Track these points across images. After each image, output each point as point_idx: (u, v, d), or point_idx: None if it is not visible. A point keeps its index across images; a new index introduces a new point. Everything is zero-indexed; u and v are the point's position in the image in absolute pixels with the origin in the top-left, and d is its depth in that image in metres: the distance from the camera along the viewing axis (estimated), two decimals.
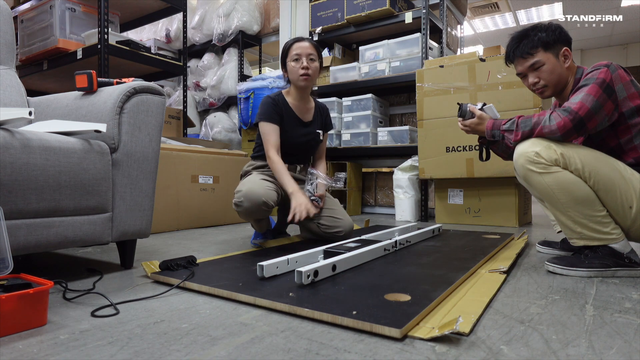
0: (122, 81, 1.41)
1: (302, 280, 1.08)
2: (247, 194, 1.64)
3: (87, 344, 0.77)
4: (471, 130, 1.49)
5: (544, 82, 1.39)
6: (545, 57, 1.37)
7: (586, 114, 1.23)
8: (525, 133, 1.32)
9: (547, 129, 1.27)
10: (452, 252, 1.56)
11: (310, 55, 1.83)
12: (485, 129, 1.43)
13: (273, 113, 1.83)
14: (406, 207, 3.09)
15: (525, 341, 0.78)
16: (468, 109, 1.49)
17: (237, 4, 4.21)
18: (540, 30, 1.38)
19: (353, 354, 0.72)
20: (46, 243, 1.13)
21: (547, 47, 1.37)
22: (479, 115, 1.46)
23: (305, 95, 1.92)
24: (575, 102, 1.26)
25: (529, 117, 1.33)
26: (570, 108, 1.25)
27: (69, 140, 1.17)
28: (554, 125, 1.26)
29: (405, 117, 3.78)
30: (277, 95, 1.89)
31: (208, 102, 4.52)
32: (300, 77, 1.82)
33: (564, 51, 1.37)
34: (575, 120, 1.24)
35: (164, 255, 1.61)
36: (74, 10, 3.03)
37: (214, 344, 0.77)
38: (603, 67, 1.29)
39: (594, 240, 1.30)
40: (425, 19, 3.13)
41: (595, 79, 1.27)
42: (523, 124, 1.33)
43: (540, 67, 1.38)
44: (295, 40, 1.86)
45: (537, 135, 1.30)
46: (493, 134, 1.42)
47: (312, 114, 1.97)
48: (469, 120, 1.48)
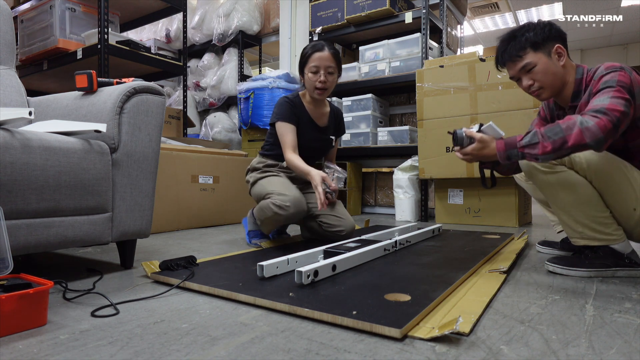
0: (122, 81, 1.41)
1: (302, 280, 1.08)
2: (294, 201, 1.64)
3: (87, 344, 0.77)
4: (474, 157, 1.27)
5: (539, 84, 1.30)
6: (536, 58, 1.28)
7: (621, 114, 1.11)
8: (557, 141, 1.11)
9: (589, 133, 1.09)
10: (452, 252, 1.56)
11: (329, 68, 1.77)
12: (496, 151, 1.21)
13: (290, 114, 1.81)
14: (406, 207, 3.09)
15: (525, 341, 0.78)
16: (464, 135, 1.27)
17: (237, 4, 4.21)
18: (527, 29, 1.30)
19: (353, 354, 0.72)
20: (46, 243, 1.13)
21: (536, 47, 1.28)
22: (480, 139, 1.23)
23: (321, 101, 1.93)
24: (604, 103, 1.13)
25: (551, 125, 1.15)
26: (604, 109, 1.11)
27: (69, 140, 1.17)
28: (595, 127, 1.08)
29: (405, 117, 3.78)
30: (295, 97, 1.87)
31: (208, 102, 4.52)
32: (316, 91, 1.80)
33: (556, 49, 1.29)
34: (614, 121, 1.10)
35: (164, 255, 1.61)
36: (74, 10, 3.03)
37: (214, 344, 0.77)
38: (619, 69, 1.19)
39: (595, 240, 1.29)
40: (425, 19, 3.13)
41: (616, 80, 1.16)
42: (550, 132, 1.13)
43: (532, 68, 1.29)
44: (315, 50, 1.78)
45: (573, 142, 1.10)
46: (509, 155, 1.19)
47: (327, 119, 1.96)
48: (470, 147, 1.25)
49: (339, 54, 1.83)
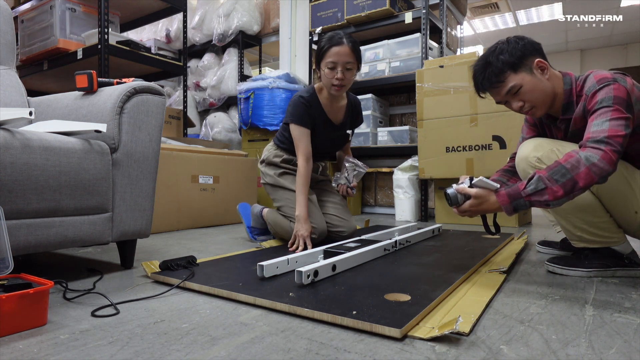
0: (122, 81, 1.41)
1: (302, 280, 1.08)
2: (320, 231, 1.73)
3: (87, 344, 0.77)
4: (474, 213, 1.20)
5: (530, 104, 1.23)
6: (519, 79, 1.20)
7: (623, 138, 1.06)
8: (567, 184, 1.04)
9: (598, 170, 1.03)
10: (452, 252, 1.56)
11: (348, 64, 1.64)
12: (501, 205, 1.12)
13: (305, 116, 1.74)
14: (406, 207, 3.09)
15: (525, 341, 0.78)
16: (457, 194, 1.21)
17: (237, 4, 4.21)
18: (500, 52, 1.21)
19: (353, 354, 0.73)
20: (46, 243, 1.13)
21: (515, 67, 1.20)
22: (476, 195, 1.16)
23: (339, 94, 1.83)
24: (604, 129, 1.07)
25: (552, 167, 1.07)
26: (605, 138, 1.06)
27: (69, 140, 1.17)
28: (602, 162, 1.03)
29: (405, 117, 3.78)
30: (310, 96, 1.77)
31: (208, 102, 4.52)
32: (333, 87, 1.69)
33: (537, 63, 1.21)
34: (618, 149, 1.05)
35: (164, 255, 1.61)
36: (74, 11, 3.03)
37: (214, 344, 0.77)
38: (612, 82, 1.12)
39: (594, 243, 1.29)
40: (425, 19, 3.13)
41: (612, 97, 1.10)
42: (556, 175, 1.05)
43: (519, 90, 1.21)
44: (332, 44, 1.64)
45: (585, 183, 1.04)
46: (515, 207, 1.10)
47: (343, 114, 1.88)
48: (467, 204, 1.19)
49: (358, 46, 1.69)
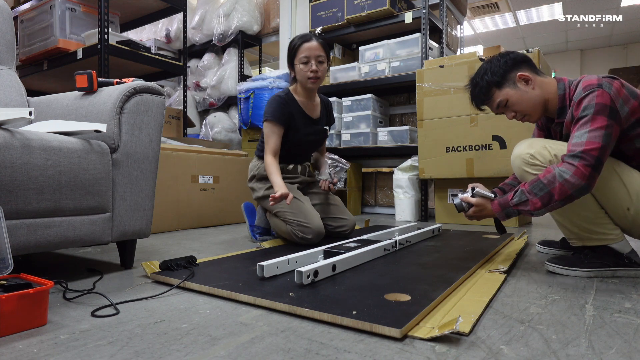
0: (122, 81, 1.41)
1: (302, 280, 1.08)
2: (316, 232, 1.73)
3: (87, 344, 0.77)
4: (478, 218, 1.38)
5: (521, 113, 1.35)
6: (504, 94, 1.33)
7: (600, 151, 1.12)
8: (544, 197, 1.16)
9: (570, 185, 1.12)
10: (452, 252, 1.56)
11: (319, 58, 1.80)
12: (494, 213, 1.30)
13: (281, 113, 1.82)
14: (406, 207, 3.09)
15: (525, 341, 0.78)
16: (462, 203, 1.40)
17: (237, 4, 4.21)
18: (484, 72, 1.34)
19: (353, 354, 0.73)
20: (46, 243, 1.13)
21: (499, 85, 1.32)
22: (476, 203, 1.35)
23: (313, 93, 1.94)
24: (581, 141, 1.14)
25: (534, 181, 1.19)
26: (579, 152, 1.13)
27: (69, 140, 1.17)
28: (574, 178, 1.12)
29: (405, 117, 3.78)
30: (286, 94, 1.88)
31: (208, 102, 4.52)
32: (309, 80, 1.82)
33: (518, 77, 1.31)
34: (592, 163, 1.11)
35: (164, 255, 1.61)
36: (74, 10, 3.03)
37: (214, 344, 0.77)
38: (596, 88, 1.17)
39: (592, 240, 1.30)
40: (425, 19, 3.13)
41: (594, 105, 1.15)
42: (535, 189, 1.18)
43: (506, 103, 1.34)
44: (303, 40, 1.81)
45: (559, 197, 1.14)
46: (507, 214, 1.27)
47: (319, 110, 1.99)
48: (471, 210, 1.37)
49: (326, 43, 1.86)
